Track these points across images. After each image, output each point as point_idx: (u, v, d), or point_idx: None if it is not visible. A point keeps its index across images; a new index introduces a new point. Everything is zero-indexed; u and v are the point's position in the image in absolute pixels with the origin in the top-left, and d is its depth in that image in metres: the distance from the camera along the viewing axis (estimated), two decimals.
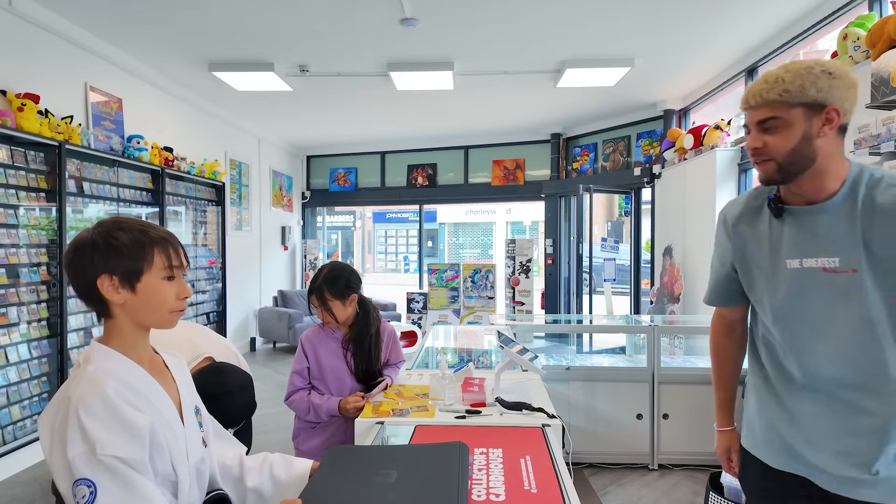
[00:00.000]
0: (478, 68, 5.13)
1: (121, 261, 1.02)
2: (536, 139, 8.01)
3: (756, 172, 1.23)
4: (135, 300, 1.03)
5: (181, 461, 1.03)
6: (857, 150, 2.49)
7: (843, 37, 2.86)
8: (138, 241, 1.03)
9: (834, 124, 1.13)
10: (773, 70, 1.16)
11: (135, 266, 1.03)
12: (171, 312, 1.07)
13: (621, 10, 3.91)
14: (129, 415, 0.94)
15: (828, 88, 1.11)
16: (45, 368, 3.78)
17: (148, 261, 1.04)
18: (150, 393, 1.02)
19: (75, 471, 0.89)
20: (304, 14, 3.97)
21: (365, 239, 21.24)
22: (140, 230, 1.05)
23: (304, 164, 9.15)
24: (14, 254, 3.55)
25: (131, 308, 1.04)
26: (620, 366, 3.69)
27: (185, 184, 5.60)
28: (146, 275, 1.04)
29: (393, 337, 2.35)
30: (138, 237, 1.04)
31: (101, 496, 0.88)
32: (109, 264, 1.01)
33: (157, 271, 1.05)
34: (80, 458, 0.89)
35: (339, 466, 1.24)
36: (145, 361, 1.07)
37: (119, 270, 1.02)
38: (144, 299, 1.04)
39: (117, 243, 1.02)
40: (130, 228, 1.05)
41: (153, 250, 1.04)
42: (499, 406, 1.91)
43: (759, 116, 1.17)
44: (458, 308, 7.41)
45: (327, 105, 6.35)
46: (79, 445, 0.89)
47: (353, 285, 2.15)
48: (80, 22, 4.10)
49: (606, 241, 6.81)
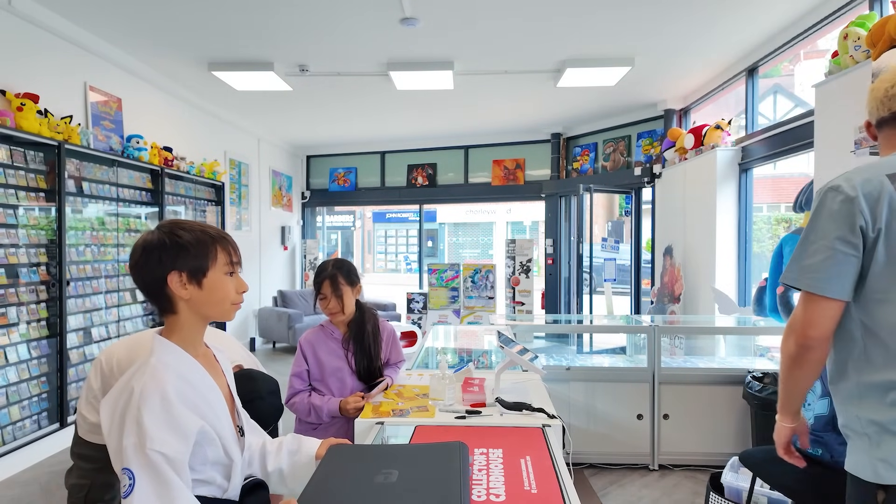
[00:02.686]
0: (478, 68, 5.13)
1: (188, 259, 1.10)
2: (536, 139, 8.00)
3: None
4: (200, 295, 1.12)
5: (234, 448, 1.13)
6: (858, 149, 2.49)
7: (843, 36, 2.86)
8: (202, 240, 1.12)
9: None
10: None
11: (201, 263, 1.11)
12: (232, 305, 1.16)
13: (621, 9, 3.91)
14: (181, 414, 1.02)
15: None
16: (44, 369, 3.77)
17: (212, 258, 1.12)
18: (204, 387, 1.10)
19: (125, 458, 0.96)
20: (304, 14, 3.96)
21: (365, 239, 21.23)
22: (201, 230, 1.14)
23: (303, 163, 9.15)
24: (13, 254, 3.54)
25: (196, 303, 1.12)
26: (621, 366, 3.69)
27: (184, 183, 5.60)
28: (211, 271, 1.12)
29: (393, 336, 2.36)
30: (201, 236, 1.12)
31: (137, 490, 0.94)
32: (178, 262, 1.09)
33: (220, 267, 1.13)
34: (132, 448, 0.96)
35: (339, 465, 1.25)
36: (200, 356, 1.15)
37: (187, 267, 1.10)
38: (209, 294, 1.12)
39: (184, 242, 1.10)
40: (192, 228, 1.13)
41: (216, 248, 1.13)
42: (499, 406, 1.91)
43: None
44: (458, 308, 7.40)
45: (327, 105, 6.34)
46: (133, 436, 0.97)
47: (357, 275, 2.25)
48: (80, 21, 4.10)
49: (607, 241, 6.81)
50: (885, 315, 1.20)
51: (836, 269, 1.21)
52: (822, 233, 1.23)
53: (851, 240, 1.20)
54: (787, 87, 5.09)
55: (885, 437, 1.18)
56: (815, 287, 1.23)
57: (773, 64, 4.74)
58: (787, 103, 5.05)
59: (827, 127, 3.02)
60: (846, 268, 1.21)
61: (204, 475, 1.09)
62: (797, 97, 4.91)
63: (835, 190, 1.23)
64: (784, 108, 5.05)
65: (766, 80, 4.94)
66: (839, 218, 1.22)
